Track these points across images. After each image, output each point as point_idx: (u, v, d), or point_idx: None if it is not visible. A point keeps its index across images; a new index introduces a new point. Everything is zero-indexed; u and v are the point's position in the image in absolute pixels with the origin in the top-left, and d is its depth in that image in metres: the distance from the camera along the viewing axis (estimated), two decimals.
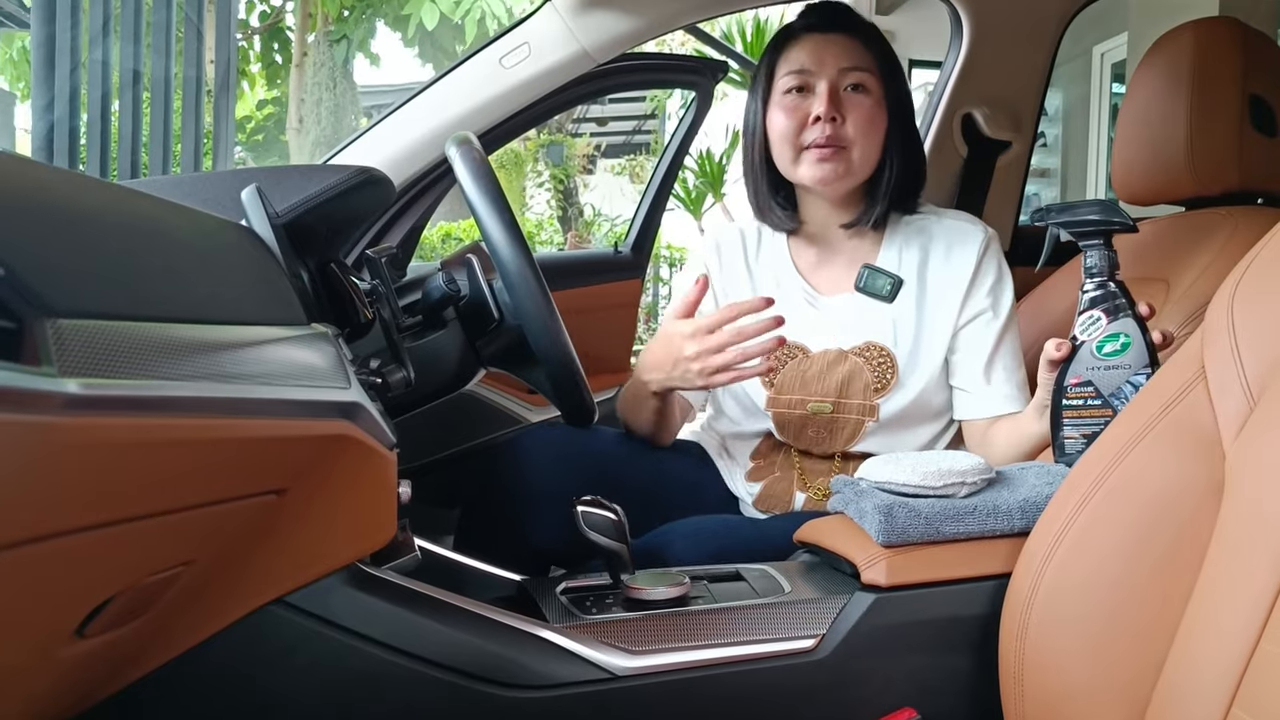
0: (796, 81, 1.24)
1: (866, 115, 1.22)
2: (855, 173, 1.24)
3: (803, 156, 1.24)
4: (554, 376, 1.02)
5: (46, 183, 0.51)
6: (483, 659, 0.84)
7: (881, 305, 1.26)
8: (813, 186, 1.25)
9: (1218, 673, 0.65)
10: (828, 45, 1.24)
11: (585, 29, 1.42)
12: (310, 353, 0.68)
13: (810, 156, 1.23)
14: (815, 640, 0.88)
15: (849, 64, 1.23)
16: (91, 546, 0.49)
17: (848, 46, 1.24)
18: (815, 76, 1.23)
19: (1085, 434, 0.99)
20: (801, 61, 1.24)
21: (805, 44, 1.25)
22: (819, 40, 1.24)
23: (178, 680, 0.76)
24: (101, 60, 2.43)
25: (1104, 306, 0.98)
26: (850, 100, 1.23)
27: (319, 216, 0.88)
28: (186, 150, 2.73)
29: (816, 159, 1.22)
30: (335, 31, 7.90)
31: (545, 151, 9.76)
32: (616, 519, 0.92)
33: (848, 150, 1.22)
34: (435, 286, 1.10)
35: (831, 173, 1.22)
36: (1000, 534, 0.91)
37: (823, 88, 1.22)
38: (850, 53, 1.23)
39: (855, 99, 1.23)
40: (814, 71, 1.23)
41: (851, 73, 1.23)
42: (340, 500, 0.70)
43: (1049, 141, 5.97)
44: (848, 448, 1.28)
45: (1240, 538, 0.68)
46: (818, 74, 1.23)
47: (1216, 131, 1.25)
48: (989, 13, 1.72)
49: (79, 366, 0.43)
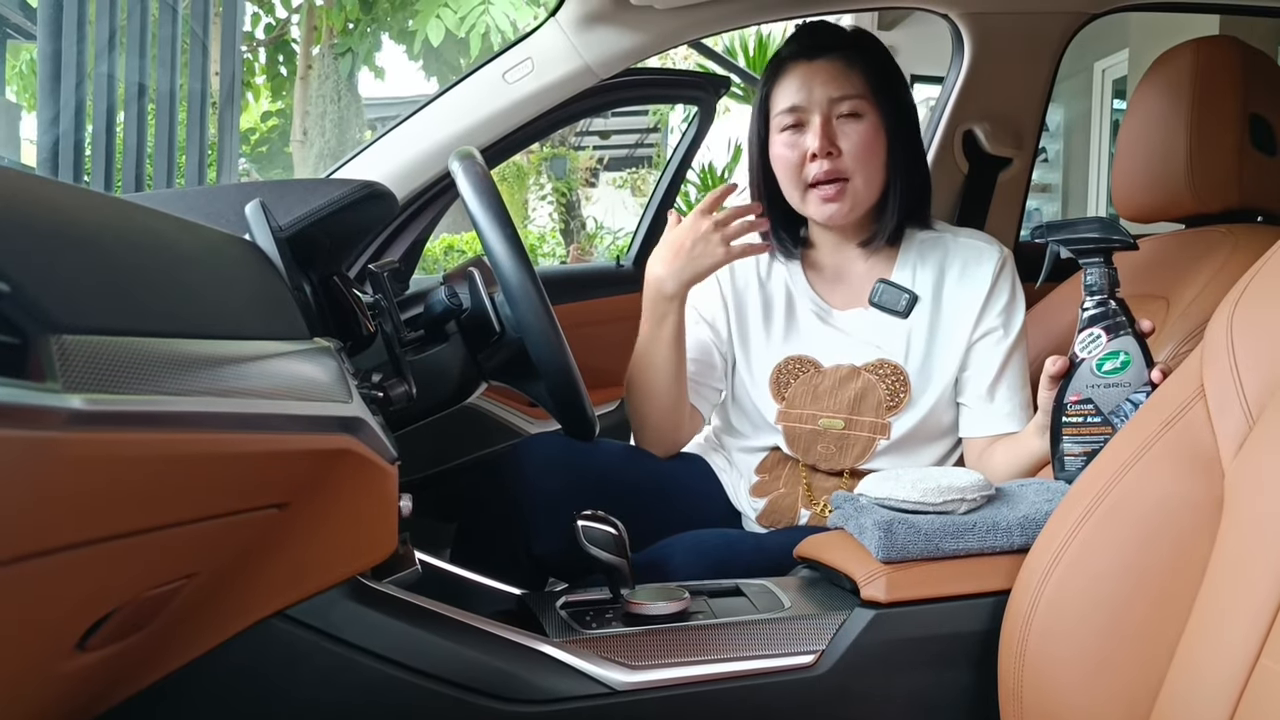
0: (791, 120, 1.24)
1: (862, 143, 1.22)
2: (861, 203, 1.24)
3: (808, 196, 1.24)
4: (555, 390, 1.02)
5: (51, 199, 0.52)
6: (483, 673, 0.83)
7: (895, 321, 1.27)
8: (823, 223, 1.27)
9: (1218, 689, 0.65)
10: (816, 75, 1.23)
11: (588, 45, 1.43)
12: (312, 367, 0.68)
13: (815, 197, 1.23)
14: (815, 656, 0.88)
15: (838, 93, 1.22)
16: (94, 560, 0.49)
17: (835, 73, 1.23)
18: (807, 111, 1.23)
19: (1085, 451, 0.99)
20: (792, 97, 1.24)
21: (795, 75, 1.24)
22: (807, 70, 1.24)
23: (178, 693, 0.76)
24: (107, 73, 2.44)
25: (1104, 324, 0.99)
26: (844, 130, 1.22)
27: (322, 230, 0.89)
28: (191, 162, 2.75)
29: (821, 200, 1.23)
30: (340, 45, 7.93)
31: (548, 165, 9.79)
32: (617, 534, 0.92)
33: (849, 182, 1.22)
34: (437, 300, 1.11)
35: (838, 212, 1.23)
36: (1000, 550, 0.91)
37: (816, 122, 1.22)
38: (838, 80, 1.23)
39: (849, 128, 1.22)
40: (805, 107, 1.23)
41: (842, 102, 1.22)
42: (342, 514, 0.70)
43: (1050, 157, 5.99)
44: (857, 465, 1.28)
45: (1240, 555, 0.68)
46: (809, 108, 1.23)
47: (1217, 150, 1.25)
48: (990, 29, 1.73)
49: (83, 382, 0.44)
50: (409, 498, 0.87)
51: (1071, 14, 1.72)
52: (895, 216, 1.27)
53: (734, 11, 1.48)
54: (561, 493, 1.21)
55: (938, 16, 1.75)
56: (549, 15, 1.45)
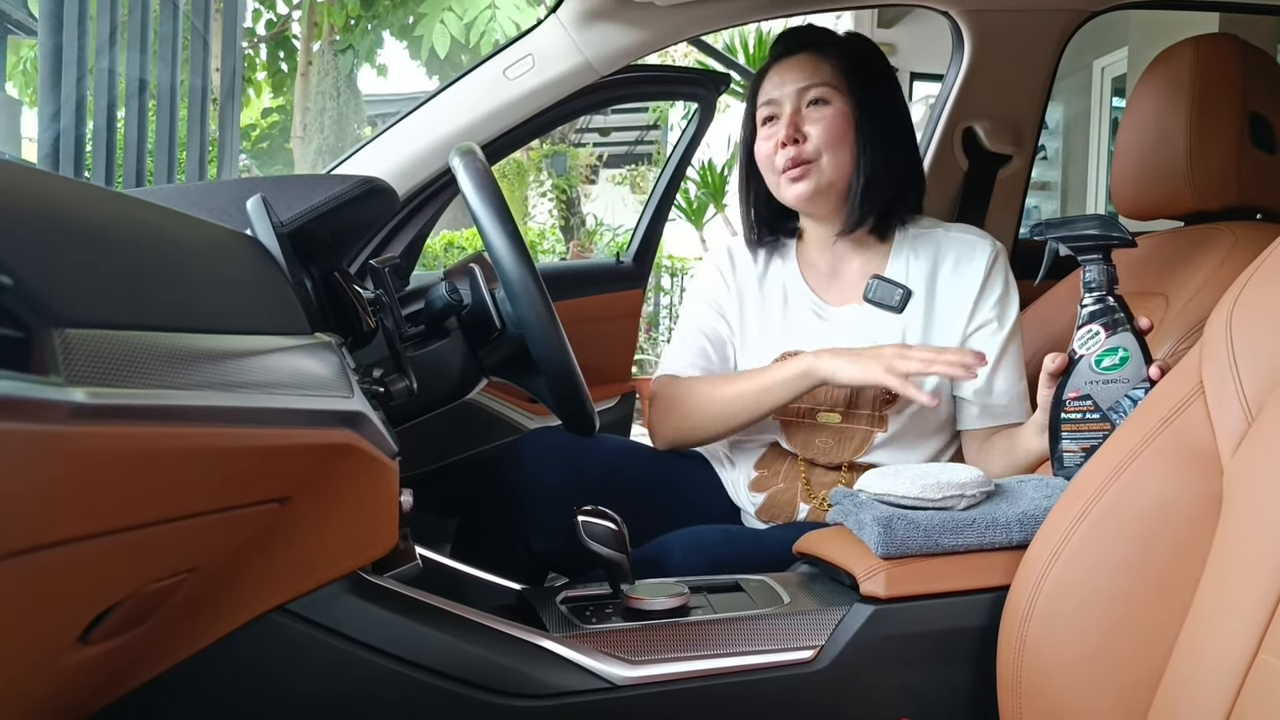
0: (766, 112, 1.29)
1: (828, 126, 1.25)
2: (828, 184, 1.27)
3: (780, 181, 1.28)
4: (555, 386, 1.02)
5: (54, 192, 0.52)
6: (483, 668, 0.84)
7: (889, 316, 1.27)
8: (796, 206, 1.30)
9: (1216, 684, 0.65)
10: (789, 70, 1.29)
11: (589, 41, 1.43)
12: (314, 362, 0.69)
13: (785, 180, 1.27)
14: (814, 651, 0.88)
15: (806, 82, 1.27)
16: (97, 554, 0.49)
17: (806, 65, 1.28)
18: (779, 104, 1.28)
19: (1084, 448, 1.00)
20: (769, 92, 1.29)
21: (774, 73, 1.30)
22: (782, 66, 1.30)
23: (179, 687, 0.77)
24: (108, 69, 2.44)
25: (1103, 321, 0.99)
26: (810, 116, 1.26)
27: (323, 225, 0.89)
28: (192, 158, 2.75)
29: (790, 180, 1.27)
30: (341, 42, 7.91)
31: (548, 161, 9.78)
32: (617, 529, 0.92)
33: (815, 163, 1.26)
34: (438, 296, 1.11)
35: (806, 189, 1.26)
36: (999, 546, 0.91)
37: (786, 112, 1.27)
38: (808, 70, 1.27)
39: (815, 113, 1.26)
40: (778, 100, 1.28)
41: (810, 90, 1.27)
42: (343, 508, 0.70)
43: (1049, 155, 5.98)
44: (855, 458, 1.28)
45: (1238, 552, 0.68)
46: (781, 100, 1.28)
47: (1216, 148, 1.25)
48: (990, 27, 1.73)
49: (86, 376, 0.44)
50: (410, 493, 0.87)
51: (1072, 11, 1.72)
52: (870, 203, 1.27)
53: (734, 9, 1.48)
54: (561, 488, 1.22)
55: (938, 14, 1.75)
56: (550, 11, 1.45)
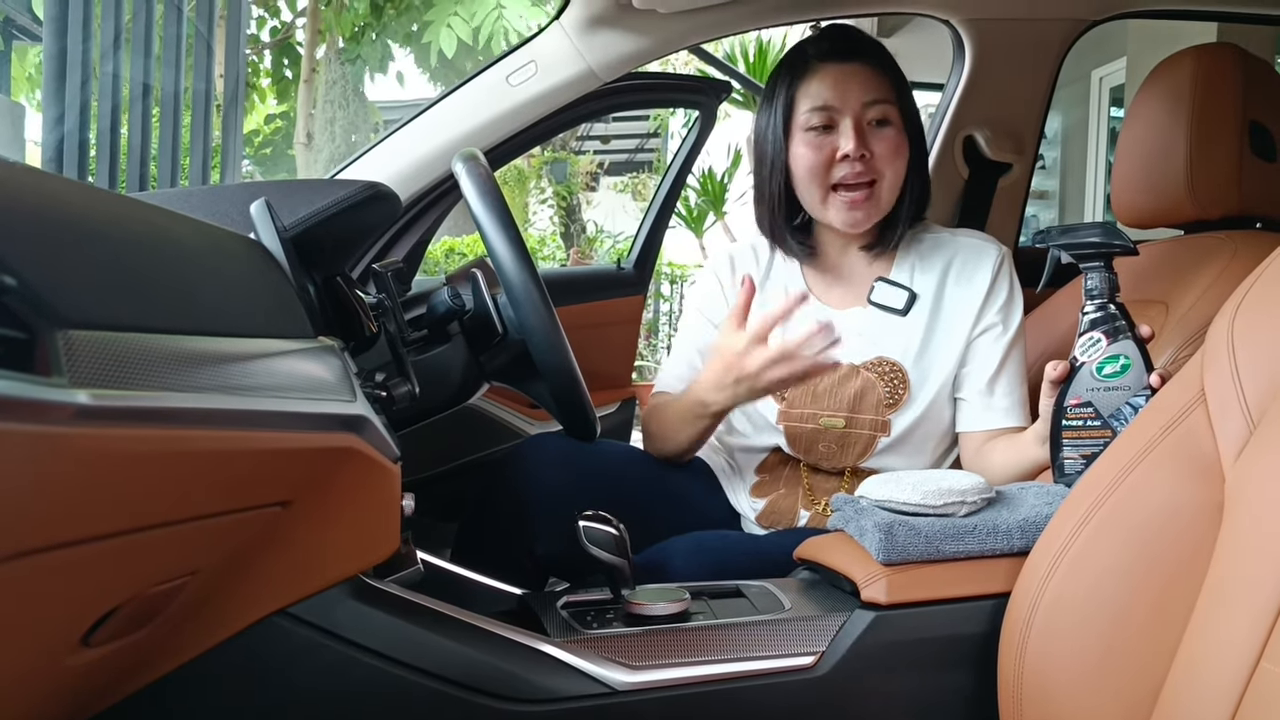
0: (821, 119, 1.23)
1: (892, 148, 1.23)
2: (883, 209, 1.25)
3: (831, 199, 1.24)
4: (557, 391, 1.02)
5: (58, 194, 0.52)
6: (484, 672, 0.84)
7: (893, 320, 1.27)
8: (842, 228, 1.26)
9: (1218, 692, 0.65)
10: (850, 78, 1.22)
11: (591, 48, 1.44)
12: (317, 365, 0.69)
13: (840, 201, 1.23)
14: (815, 657, 0.88)
15: (871, 97, 1.22)
16: (99, 556, 0.49)
17: (868, 77, 1.23)
18: (839, 113, 1.22)
19: (1085, 455, 1.00)
20: (824, 96, 1.22)
21: (825, 76, 1.23)
22: (839, 72, 1.23)
23: (180, 690, 0.77)
24: (112, 73, 2.45)
25: (1104, 328, 0.99)
26: (875, 135, 1.22)
27: (326, 230, 0.89)
28: (195, 163, 2.76)
29: (848, 205, 1.23)
30: (348, 51, 7.92)
31: (549, 168, 9.80)
32: (618, 534, 0.92)
33: (877, 186, 1.23)
34: (440, 301, 1.11)
35: (864, 217, 1.24)
36: (1000, 553, 0.91)
37: (848, 124, 1.21)
38: (871, 84, 1.23)
39: (881, 133, 1.23)
40: (838, 108, 1.22)
41: (875, 106, 1.22)
42: (344, 512, 0.70)
43: (1048, 164, 6.00)
44: (858, 463, 1.28)
45: (1240, 559, 0.68)
46: (842, 110, 1.22)
47: (1216, 157, 1.26)
48: (991, 36, 1.73)
49: (89, 377, 0.44)
50: (411, 497, 0.87)
51: (1072, 20, 1.73)
52: (905, 224, 1.28)
53: (736, 16, 1.48)
54: (562, 493, 1.22)
55: (939, 22, 1.75)
56: (553, 18, 1.46)
